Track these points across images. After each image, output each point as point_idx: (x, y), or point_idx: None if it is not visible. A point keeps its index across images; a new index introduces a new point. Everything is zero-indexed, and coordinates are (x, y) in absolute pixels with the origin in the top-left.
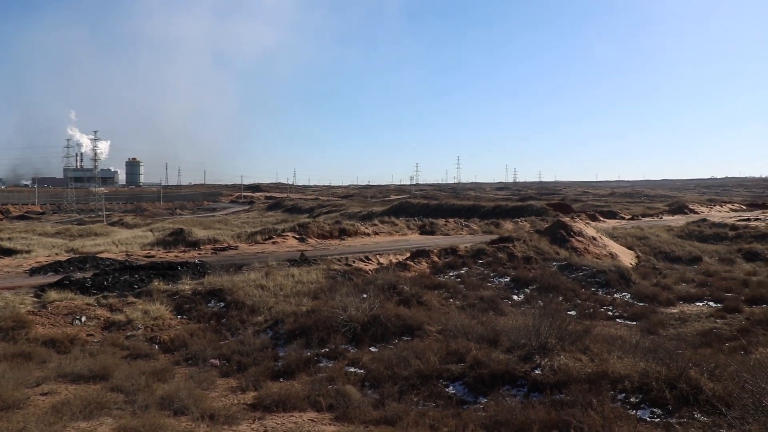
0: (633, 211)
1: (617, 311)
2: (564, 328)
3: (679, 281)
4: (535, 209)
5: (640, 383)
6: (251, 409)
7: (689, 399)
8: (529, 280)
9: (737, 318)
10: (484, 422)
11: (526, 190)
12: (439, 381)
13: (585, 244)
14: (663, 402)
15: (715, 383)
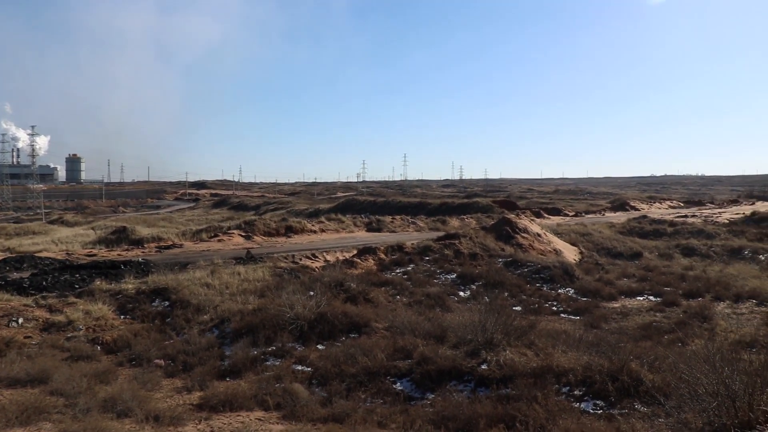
0: (576, 207)
1: (561, 306)
2: (510, 324)
3: (620, 276)
4: (481, 206)
5: (584, 376)
6: (197, 410)
7: (630, 390)
8: (475, 276)
9: (675, 311)
10: (431, 418)
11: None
12: (387, 378)
13: (530, 241)
14: (605, 394)
15: (655, 374)
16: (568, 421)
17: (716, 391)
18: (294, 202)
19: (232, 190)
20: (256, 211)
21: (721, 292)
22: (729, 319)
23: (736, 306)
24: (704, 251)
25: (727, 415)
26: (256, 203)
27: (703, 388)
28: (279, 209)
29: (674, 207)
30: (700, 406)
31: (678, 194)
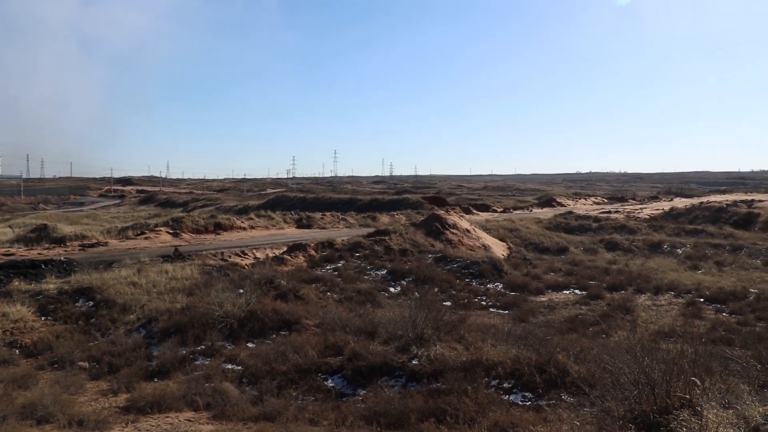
0: (505, 204)
1: (490, 301)
2: (440, 319)
3: (547, 271)
4: (411, 202)
5: (513, 369)
6: (124, 412)
7: (557, 382)
8: (406, 272)
9: (600, 304)
10: (363, 414)
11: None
12: (318, 375)
13: (459, 237)
14: (533, 386)
15: (580, 366)
16: (498, 414)
17: (637, 380)
18: (223, 198)
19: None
20: (184, 207)
21: (643, 285)
22: (649, 311)
23: (656, 298)
24: (627, 246)
25: (647, 402)
26: (184, 200)
27: (625, 377)
28: (208, 206)
29: (598, 203)
30: (622, 395)
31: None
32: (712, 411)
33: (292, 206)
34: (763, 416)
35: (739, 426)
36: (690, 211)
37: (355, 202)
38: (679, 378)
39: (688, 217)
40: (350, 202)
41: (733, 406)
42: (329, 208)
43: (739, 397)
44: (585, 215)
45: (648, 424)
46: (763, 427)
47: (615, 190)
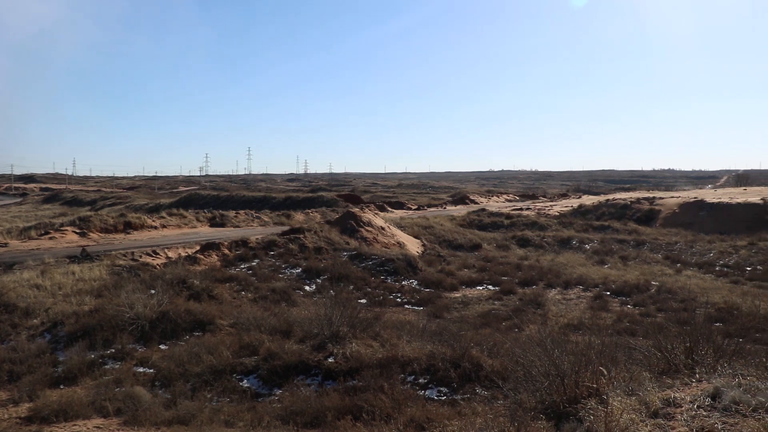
0: (419, 201)
1: (405, 298)
2: (355, 316)
3: (461, 267)
4: (325, 200)
5: (428, 365)
6: (26, 423)
7: (471, 376)
8: (321, 270)
9: (512, 299)
10: (279, 413)
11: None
12: (233, 375)
13: (374, 234)
14: (448, 381)
15: (494, 360)
16: (414, 409)
17: (548, 372)
18: (133, 196)
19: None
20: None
21: (553, 280)
22: (559, 305)
23: (565, 292)
24: (538, 242)
25: (557, 393)
26: (92, 198)
27: (537, 370)
28: (117, 204)
29: (510, 200)
30: (533, 386)
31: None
32: (617, 398)
33: (206, 204)
34: (663, 401)
35: (641, 411)
36: (597, 208)
37: (270, 200)
38: (587, 368)
39: (596, 214)
40: (265, 200)
41: (636, 393)
42: (243, 207)
43: (641, 384)
44: (497, 212)
45: (558, 413)
46: (662, 411)
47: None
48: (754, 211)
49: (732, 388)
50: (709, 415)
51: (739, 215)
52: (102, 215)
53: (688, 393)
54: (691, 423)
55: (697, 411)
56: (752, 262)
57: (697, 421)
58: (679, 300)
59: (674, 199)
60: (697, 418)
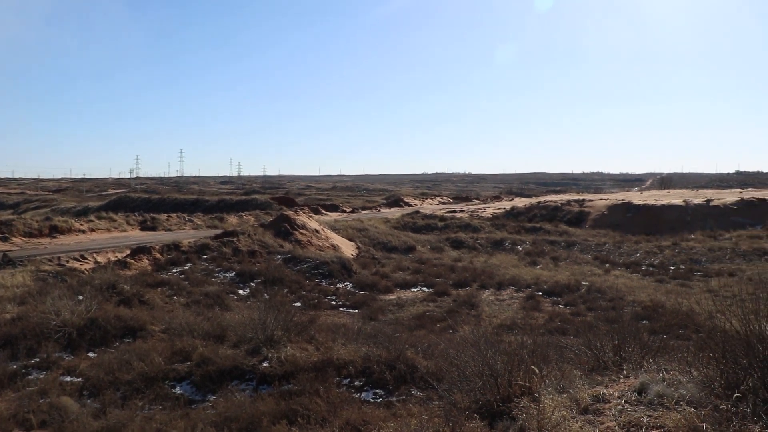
0: (353, 204)
1: (340, 300)
2: (290, 320)
3: (396, 269)
4: (259, 203)
5: (363, 367)
6: None
7: (407, 377)
8: (255, 273)
9: (446, 300)
10: (213, 420)
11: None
12: (166, 382)
13: (308, 237)
14: (384, 383)
15: (429, 361)
16: (349, 412)
17: (481, 372)
18: (60, 199)
19: None
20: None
21: (486, 281)
22: (493, 305)
23: (498, 293)
24: (471, 244)
25: (491, 392)
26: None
27: (471, 370)
28: (42, 207)
29: (444, 203)
30: (468, 386)
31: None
32: (549, 396)
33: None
34: (592, 397)
35: (571, 408)
36: (529, 210)
37: (203, 203)
38: (519, 368)
39: (528, 216)
40: (197, 203)
41: (567, 390)
42: (175, 209)
43: (572, 382)
44: (431, 215)
45: (492, 412)
46: (591, 407)
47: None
48: (677, 212)
49: (657, 383)
50: (636, 410)
51: (663, 216)
52: (26, 219)
53: (616, 389)
54: (619, 417)
55: (625, 406)
56: (675, 261)
57: (625, 415)
58: (608, 299)
59: (603, 201)
60: (625, 412)
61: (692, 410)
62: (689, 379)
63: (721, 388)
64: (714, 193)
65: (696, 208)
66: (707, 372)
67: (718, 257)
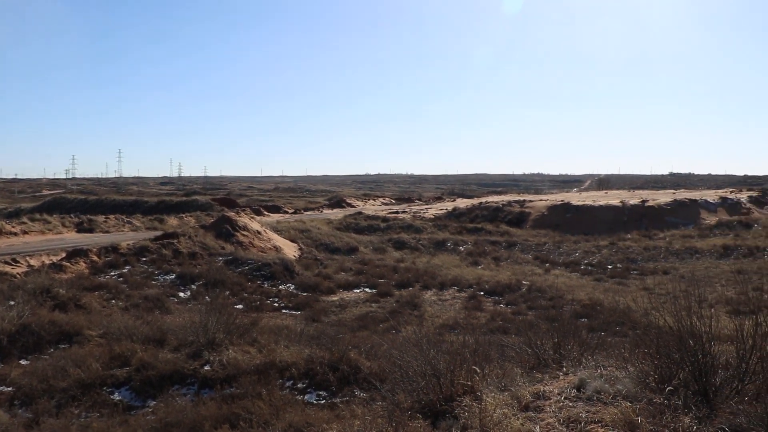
0: (296, 205)
1: (283, 302)
2: (232, 322)
3: (338, 270)
4: (200, 204)
5: (306, 369)
6: None
7: (350, 378)
8: (196, 276)
9: (389, 301)
10: (154, 426)
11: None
12: (103, 388)
13: (250, 238)
14: (327, 384)
15: (372, 361)
16: (293, 414)
17: (424, 372)
18: None
19: None
20: None
21: (429, 281)
22: (435, 305)
23: (441, 293)
24: (413, 244)
25: (434, 392)
26: None
27: (413, 370)
28: None
29: (387, 204)
30: (410, 387)
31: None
32: (491, 395)
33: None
34: (533, 395)
35: (513, 405)
36: (471, 211)
37: (142, 204)
38: (461, 367)
39: (469, 217)
40: (136, 204)
41: (508, 389)
42: (113, 211)
43: (513, 380)
44: (374, 215)
45: (435, 412)
46: (532, 404)
47: (402, 191)
48: (614, 213)
49: (595, 379)
50: (575, 405)
51: (601, 217)
52: None
53: (556, 386)
54: (559, 414)
55: (564, 402)
56: (613, 260)
57: (564, 411)
58: (548, 298)
59: (543, 202)
60: (564, 408)
61: (628, 404)
62: (626, 374)
63: (655, 382)
64: (649, 194)
65: (632, 208)
66: (642, 367)
67: (653, 256)
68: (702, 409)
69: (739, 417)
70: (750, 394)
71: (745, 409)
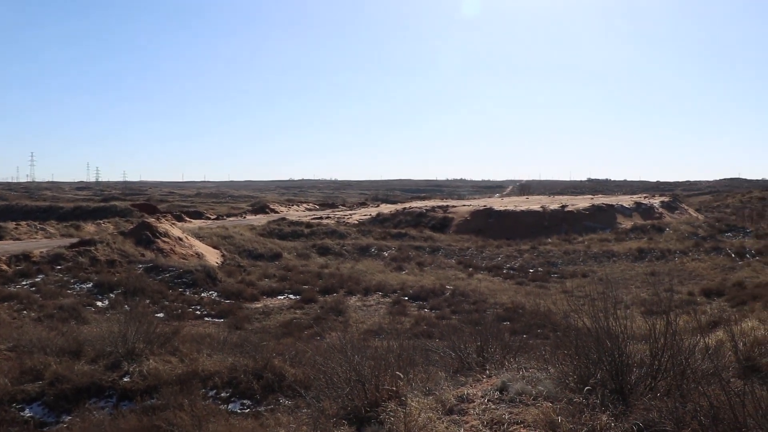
0: (218, 211)
1: (205, 310)
2: (152, 331)
3: (262, 277)
4: (119, 210)
5: (230, 378)
6: None
7: (274, 386)
8: (114, 284)
9: (313, 307)
10: None
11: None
12: (13, 405)
13: (171, 245)
14: (252, 393)
15: (296, 369)
16: (216, 424)
17: (349, 378)
18: None
19: None
20: None
21: (353, 287)
22: (360, 311)
23: (365, 298)
24: (338, 250)
25: (359, 398)
26: None
27: (338, 376)
28: None
29: (311, 209)
30: (335, 393)
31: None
32: (416, 399)
33: None
34: (457, 398)
35: (437, 409)
36: (395, 216)
37: (57, 210)
38: (386, 372)
39: (393, 222)
40: (51, 210)
41: (433, 392)
42: (25, 217)
43: (437, 384)
44: (298, 221)
45: (360, 418)
46: (456, 407)
47: (326, 197)
48: (535, 217)
49: (517, 381)
50: (498, 407)
51: (523, 222)
52: None
53: (480, 389)
54: (483, 416)
55: (488, 404)
56: (534, 264)
57: (488, 413)
58: (471, 302)
59: (466, 207)
60: (488, 411)
61: (549, 405)
62: (546, 375)
63: (574, 382)
64: (568, 200)
65: (552, 213)
66: (562, 368)
67: (573, 260)
68: (618, 407)
69: (652, 412)
70: (662, 390)
71: (657, 404)
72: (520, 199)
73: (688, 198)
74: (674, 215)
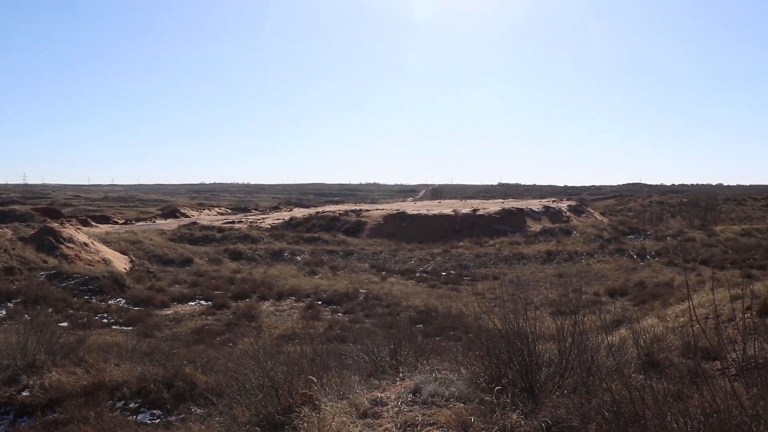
0: (127, 215)
1: (113, 318)
2: (55, 342)
3: (172, 283)
4: (18, 214)
5: (139, 387)
6: None
7: (186, 395)
8: (13, 292)
9: (225, 313)
10: None
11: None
12: None
13: (76, 251)
14: (162, 402)
15: (208, 376)
16: None
17: (261, 384)
18: None
19: None
20: None
21: (266, 292)
22: (273, 316)
23: (278, 303)
24: (250, 255)
25: (272, 404)
26: None
27: (251, 383)
28: None
29: (223, 213)
30: (248, 400)
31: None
32: (329, 403)
33: None
34: (371, 401)
35: (351, 413)
36: (308, 220)
37: None
38: (300, 377)
39: (306, 226)
40: None
41: (346, 396)
42: None
43: (351, 388)
44: (209, 226)
45: (273, 424)
46: (370, 410)
47: (239, 201)
48: (447, 221)
49: (430, 383)
50: (411, 409)
51: (435, 225)
52: None
53: (393, 391)
54: (396, 418)
55: (401, 407)
56: (446, 267)
57: (401, 416)
58: (385, 305)
59: (379, 211)
60: (401, 413)
61: (461, 405)
62: (459, 377)
63: (485, 382)
64: (480, 203)
65: (464, 217)
66: (474, 369)
67: (484, 262)
68: (528, 405)
69: (560, 409)
70: (569, 387)
71: (565, 401)
72: (432, 203)
73: (594, 202)
74: (581, 218)
